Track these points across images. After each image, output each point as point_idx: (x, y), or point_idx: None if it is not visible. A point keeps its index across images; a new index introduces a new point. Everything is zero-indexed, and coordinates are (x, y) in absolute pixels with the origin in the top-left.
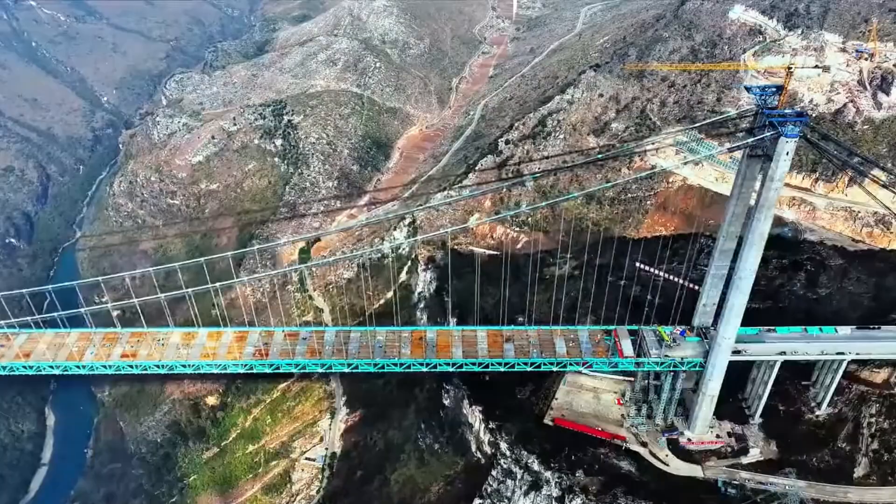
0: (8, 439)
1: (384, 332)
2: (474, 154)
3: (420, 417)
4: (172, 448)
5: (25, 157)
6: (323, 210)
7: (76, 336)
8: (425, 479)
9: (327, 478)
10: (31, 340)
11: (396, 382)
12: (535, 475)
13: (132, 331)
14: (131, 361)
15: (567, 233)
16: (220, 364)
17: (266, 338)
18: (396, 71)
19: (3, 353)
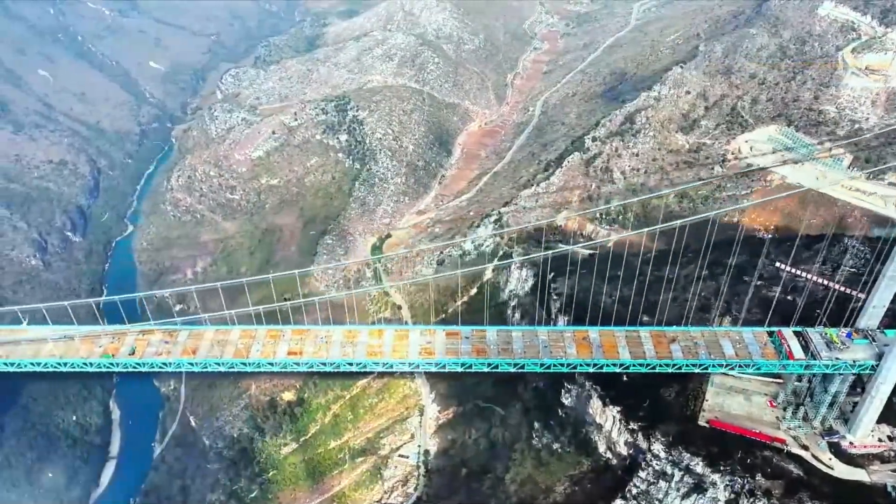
0: (77, 432)
1: (546, 332)
2: (542, 151)
3: (531, 416)
4: (250, 443)
5: (77, 150)
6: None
7: (238, 333)
8: (547, 478)
9: (425, 475)
10: (194, 337)
11: (492, 381)
12: (697, 477)
13: (294, 328)
14: (297, 359)
15: (682, 230)
16: (387, 363)
17: (429, 336)
18: (454, 66)
19: (168, 350)
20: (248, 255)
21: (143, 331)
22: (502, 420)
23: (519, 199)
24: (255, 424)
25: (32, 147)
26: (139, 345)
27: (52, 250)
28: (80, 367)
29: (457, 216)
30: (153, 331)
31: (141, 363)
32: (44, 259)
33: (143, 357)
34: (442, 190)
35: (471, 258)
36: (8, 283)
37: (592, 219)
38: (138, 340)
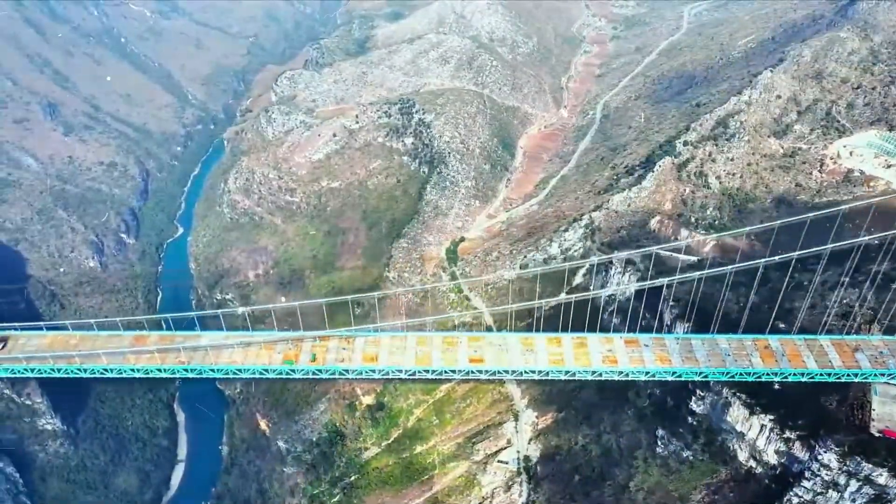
0: (146, 435)
1: (725, 340)
2: (612, 154)
3: (650, 423)
4: (329, 447)
5: (125, 152)
6: (464, 209)
7: (415, 339)
8: (679, 486)
9: (528, 481)
10: (372, 343)
11: (595, 386)
12: (879, 489)
13: (472, 335)
14: (479, 367)
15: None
16: (568, 370)
17: (608, 344)
18: (511, 69)
19: (348, 357)
20: (311, 258)
21: (319, 337)
22: (613, 426)
23: (611, 203)
24: (335, 428)
25: (83, 149)
26: (318, 351)
27: (108, 252)
28: (260, 373)
29: (532, 220)
30: (328, 337)
31: (322, 370)
32: (101, 261)
33: (324, 364)
34: (509, 193)
35: (556, 262)
36: (69, 284)
37: (687, 223)
38: (316, 347)
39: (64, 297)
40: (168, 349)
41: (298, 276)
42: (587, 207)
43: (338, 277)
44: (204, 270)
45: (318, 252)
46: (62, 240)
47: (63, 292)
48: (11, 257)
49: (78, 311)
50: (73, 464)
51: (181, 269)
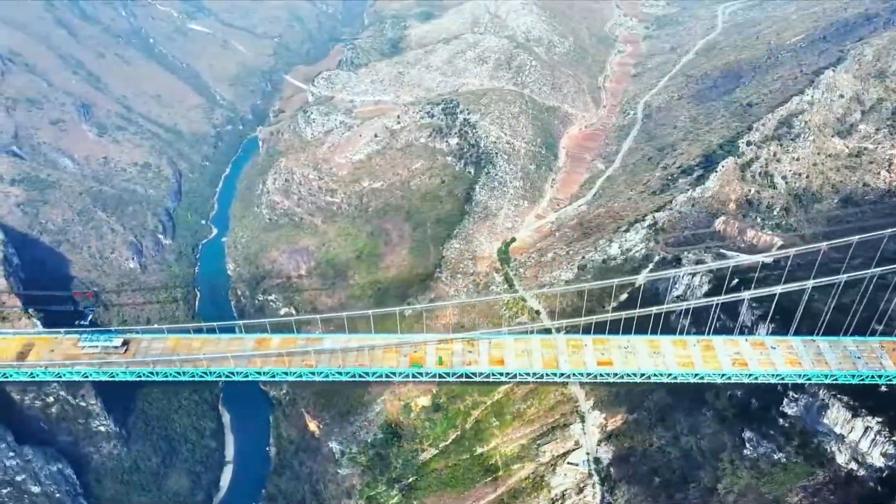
0: (194, 436)
1: (852, 342)
2: (660, 155)
3: (733, 425)
4: (384, 448)
5: (158, 153)
6: (513, 210)
7: (539, 342)
8: (773, 489)
9: (601, 483)
10: (497, 346)
11: (666, 388)
12: None
13: (596, 337)
14: (607, 369)
15: None
16: (698, 373)
17: (734, 346)
18: (550, 69)
19: (474, 360)
20: (355, 259)
21: (441, 340)
22: (691, 428)
23: (674, 203)
24: (391, 429)
25: (117, 149)
26: (444, 354)
27: (147, 253)
28: (387, 376)
29: (583, 220)
30: (450, 340)
31: (448, 373)
32: (140, 262)
33: (451, 367)
34: (555, 193)
35: (616, 263)
36: (111, 285)
37: (753, 224)
38: (440, 350)
39: (107, 298)
40: (294, 352)
41: (342, 277)
42: (646, 208)
43: (383, 277)
44: (244, 271)
45: (362, 252)
46: (102, 241)
47: (106, 293)
48: (55, 259)
49: (121, 312)
50: (127, 465)
51: (218, 270)
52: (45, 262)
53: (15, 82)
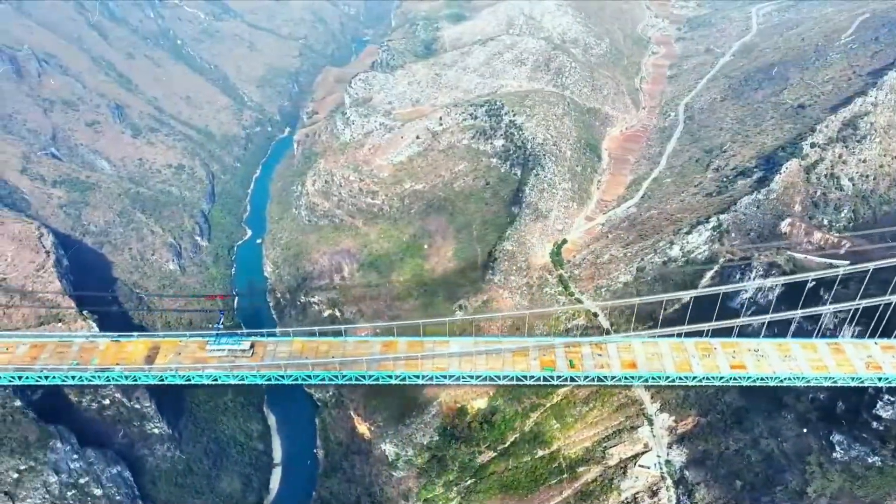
0: (242, 439)
1: None
2: (708, 156)
3: (819, 427)
4: (441, 451)
5: (191, 155)
6: (563, 211)
7: (669, 345)
8: (870, 492)
9: (675, 485)
10: (626, 349)
11: (739, 390)
12: None
13: (724, 341)
14: (741, 373)
15: None
16: (831, 377)
17: (865, 350)
18: (589, 71)
19: (606, 363)
20: (399, 261)
21: (570, 343)
22: (771, 431)
23: (739, 205)
24: (447, 432)
25: (152, 151)
26: (573, 357)
27: (185, 254)
28: (518, 379)
29: (636, 222)
30: (579, 343)
31: (579, 376)
32: (180, 263)
33: (583, 370)
34: (601, 195)
35: (677, 265)
36: (153, 287)
37: (820, 226)
38: (570, 353)
39: (149, 300)
40: (426, 356)
41: (386, 278)
42: (705, 209)
43: (429, 279)
44: (284, 273)
45: (405, 254)
46: (143, 243)
47: (148, 295)
48: (98, 261)
49: (164, 314)
50: (181, 468)
51: (254, 272)
52: (89, 264)
53: (50, 84)
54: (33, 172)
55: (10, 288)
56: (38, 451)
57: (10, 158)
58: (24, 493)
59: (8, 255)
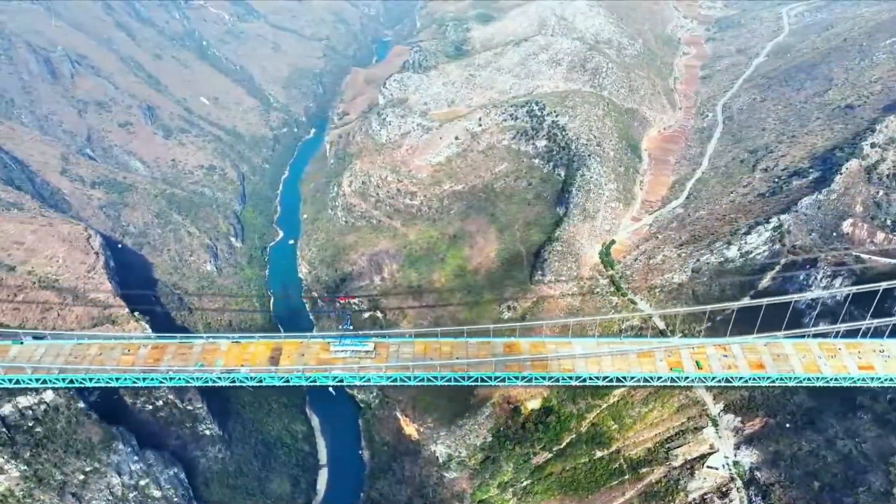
0: (288, 440)
1: None
2: (753, 157)
3: None
4: (493, 451)
5: (221, 156)
6: (610, 212)
7: (792, 346)
8: None
9: (745, 487)
10: (751, 350)
11: (808, 391)
12: None
13: (848, 342)
14: (870, 374)
15: None
16: None
17: None
18: (626, 71)
19: (732, 364)
20: (439, 262)
21: (691, 346)
22: (847, 432)
23: (799, 205)
24: (500, 433)
25: (183, 152)
26: (699, 358)
27: (221, 256)
28: (645, 380)
29: (686, 223)
30: (699, 345)
31: (708, 377)
32: (216, 265)
33: (710, 371)
34: (644, 196)
35: (734, 265)
36: (192, 288)
37: (883, 226)
38: (694, 354)
39: (189, 301)
40: (562, 356)
41: (426, 279)
42: (760, 210)
43: (472, 280)
44: (321, 274)
45: (446, 255)
46: (181, 244)
47: (188, 296)
48: (139, 262)
49: (204, 315)
50: (232, 469)
51: (288, 273)
52: (131, 265)
53: (83, 85)
54: (73, 173)
55: (62, 288)
56: (101, 453)
57: (49, 160)
58: (89, 494)
59: (59, 257)
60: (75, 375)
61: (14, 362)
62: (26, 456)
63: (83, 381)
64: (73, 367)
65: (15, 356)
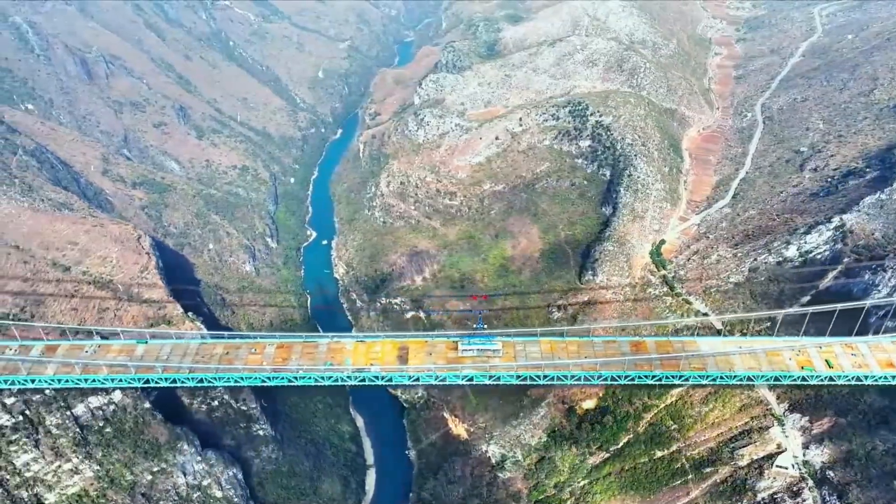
0: (336, 440)
1: None
2: (799, 157)
3: None
4: (549, 452)
5: (253, 156)
6: (658, 212)
7: None
8: None
9: (817, 486)
10: (879, 349)
11: (878, 390)
12: None
13: None
14: None
15: None
16: None
17: None
18: (663, 71)
19: (864, 363)
20: (481, 262)
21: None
22: None
23: (861, 204)
24: (555, 433)
25: (216, 152)
26: (828, 356)
27: (259, 256)
28: (776, 379)
29: (737, 222)
30: (826, 344)
31: (838, 376)
32: (254, 265)
33: (841, 370)
34: (689, 196)
35: (793, 265)
36: (233, 288)
37: None
38: (822, 352)
39: (231, 300)
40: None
41: (469, 279)
42: (818, 209)
43: (516, 280)
44: (360, 274)
45: (488, 255)
46: (220, 244)
47: (229, 296)
48: (181, 262)
49: (246, 315)
50: (285, 469)
51: (322, 273)
52: (174, 265)
53: (118, 85)
54: (114, 174)
55: (117, 288)
56: (167, 453)
57: (91, 160)
58: (157, 495)
59: (112, 257)
60: (205, 374)
61: (142, 361)
62: (98, 456)
63: (212, 380)
64: (202, 366)
65: (142, 355)
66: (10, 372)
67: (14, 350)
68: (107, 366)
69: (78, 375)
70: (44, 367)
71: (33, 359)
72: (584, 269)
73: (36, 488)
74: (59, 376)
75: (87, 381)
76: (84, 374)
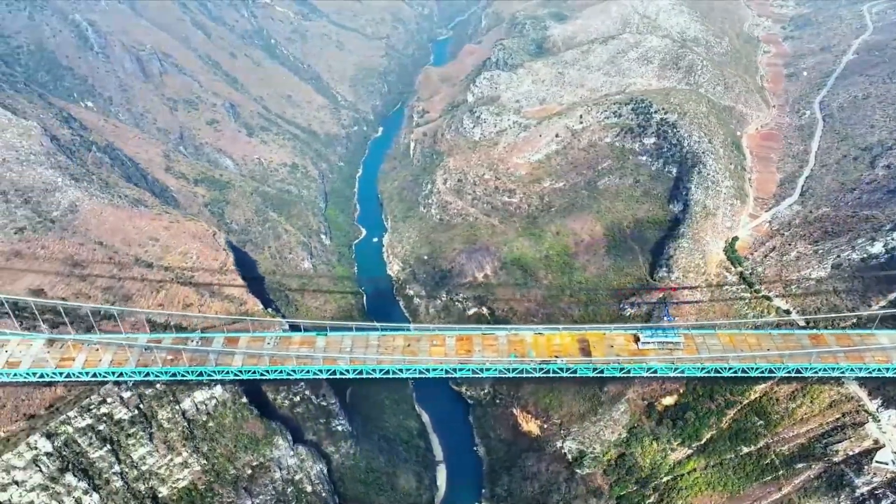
0: (405, 436)
1: None
2: (863, 154)
3: None
4: (627, 447)
5: (301, 154)
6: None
7: None
8: None
9: None
10: None
11: None
12: None
13: None
14: None
15: None
16: None
17: None
18: (720, 69)
19: None
20: (543, 259)
21: None
22: None
23: None
24: (636, 428)
25: (266, 150)
26: None
27: (315, 253)
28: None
29: (812, 219)
30: None
31: None
32: (312, 262)
33: None
34: (755, 193)
35: (878, 261)
36: (294, 286)
37: None
38: None
39: (293, 297)
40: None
41: (532, 277)
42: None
43: (582, 277)
44: (419, 271)
45: (550, 252)
46: (279, 241)
47: (292, 293)
48: (246, 259)
49: (308, 312)
50: (363, 465)
51: (375, 270)
52: (240, 263)
53: (171, 83)
54: (176, 171)
55: (199, 284)
56: (265, 448)
57: (153, 157)
58: (257, 489)
59: (192, 253)
60: (392, 366)
61: (327, 353)
62: (204, 450)
63: (398, 371)
64: (388, 357)
65: (325, 347)
66: (198, 363)
67: (195, 342)
68: (295, 357)
69: (267, 366)
70: (230, 359)
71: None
72: (656, 265)
73: (151, 481)
74: (265, 368)
75: (291, 373)
76: (271, 366)
